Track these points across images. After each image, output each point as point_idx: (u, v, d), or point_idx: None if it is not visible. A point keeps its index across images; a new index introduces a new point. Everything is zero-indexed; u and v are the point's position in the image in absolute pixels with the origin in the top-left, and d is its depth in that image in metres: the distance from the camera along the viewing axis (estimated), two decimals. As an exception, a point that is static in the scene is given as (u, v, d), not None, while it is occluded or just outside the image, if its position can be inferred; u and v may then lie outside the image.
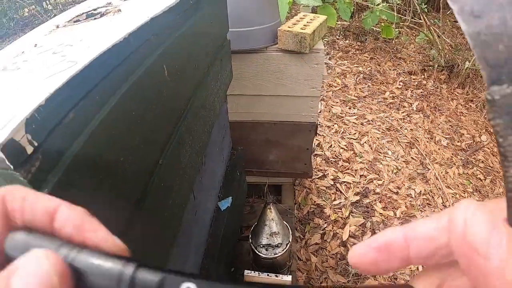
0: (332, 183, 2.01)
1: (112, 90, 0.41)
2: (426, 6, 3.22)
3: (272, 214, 0.97)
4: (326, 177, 2.03)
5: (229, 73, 1.03)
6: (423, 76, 3.00)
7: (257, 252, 1.00)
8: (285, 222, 1.03)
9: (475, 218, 0.17)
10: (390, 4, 3.02)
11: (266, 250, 0.99)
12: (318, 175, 2.04)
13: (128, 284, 0.16)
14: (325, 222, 1.85)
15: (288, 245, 1.01)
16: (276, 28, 1.22)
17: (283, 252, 1.00)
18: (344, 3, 2.67)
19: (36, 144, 0.29)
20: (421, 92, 2.82)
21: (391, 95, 2.78)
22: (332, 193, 1.97)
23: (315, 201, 1.91)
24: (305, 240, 1.75)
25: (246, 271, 1.06)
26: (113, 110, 0.40)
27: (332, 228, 1.83)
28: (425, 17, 2.96)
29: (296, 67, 1.25)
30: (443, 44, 3.01)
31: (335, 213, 1.89)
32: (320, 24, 1.31)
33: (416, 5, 2.95)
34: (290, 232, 1.03)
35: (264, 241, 0.98)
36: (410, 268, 1.66)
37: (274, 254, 0.99)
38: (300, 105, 1.32)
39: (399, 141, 2.35)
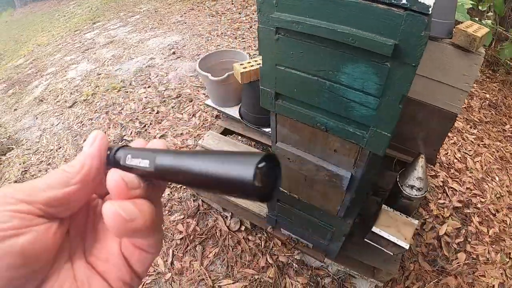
0: (441, 184, 2.17)
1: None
2: None
3: (422, 162, 1.22)
4: (437, 177, 2.20)
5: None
6: (548, 121, 2.95)
7: (402, 189, 1.25)
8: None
9: None
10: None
11: (410, 189, 1.24)
12: (430, 173, 2.21)
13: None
14: (427, 214, 2.02)
15: (425, 193, 1.24)
16: (451, 26, 1.47)
17: (421, 196, 1.23)
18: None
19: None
20: (542, 136, 2.79)
21: (511, 128, 2.80)
22: (440, 192, 2.13)
23: (422, 194, 2.10)
24: (406, 222, 1.95)
25: (383, 205, 1.32)
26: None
27: (432, 221, 2.00)
28: None
29: (460, 61, 1.48)
30: None
31: (438, 209, 2.05)
32: (485, 33, 1.53)
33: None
34: (428, 185, 1.26)
35: (410, 182, 1.23)
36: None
37: (415, 195, 1.23)
38: (451, 94, 1.54)
39: (508, 172, 2.40)
